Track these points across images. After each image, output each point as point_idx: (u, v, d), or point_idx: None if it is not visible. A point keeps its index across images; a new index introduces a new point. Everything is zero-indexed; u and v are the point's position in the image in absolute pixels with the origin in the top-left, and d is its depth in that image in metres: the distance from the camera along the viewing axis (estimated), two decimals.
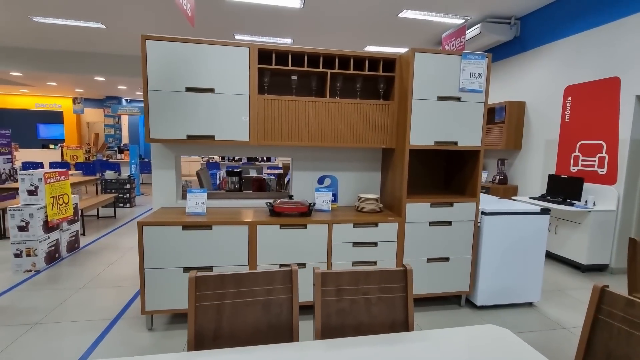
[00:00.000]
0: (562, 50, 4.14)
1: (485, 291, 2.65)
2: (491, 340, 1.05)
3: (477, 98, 2.47)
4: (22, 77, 8.11)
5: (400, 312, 1.13)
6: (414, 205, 2.48)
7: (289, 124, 2.43)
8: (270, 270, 1.09)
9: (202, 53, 2.27)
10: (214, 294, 1.05)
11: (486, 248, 2.60)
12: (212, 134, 2.35)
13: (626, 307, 0.98)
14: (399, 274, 1.14)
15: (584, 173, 3.84)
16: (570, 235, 3.67)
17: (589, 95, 3.79)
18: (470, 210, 2.56)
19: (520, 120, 4.77)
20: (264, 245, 2.31)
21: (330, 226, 2.37)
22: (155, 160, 2.59)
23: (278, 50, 2.37)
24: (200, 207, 2.40)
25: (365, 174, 2.90)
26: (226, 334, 1.04)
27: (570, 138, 4.01)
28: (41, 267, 3.27)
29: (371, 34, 5.72)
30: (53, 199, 3.37)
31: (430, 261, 2.56)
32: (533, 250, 2.68)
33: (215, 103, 2.32)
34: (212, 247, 2.24)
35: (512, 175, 5.01)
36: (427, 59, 2.36)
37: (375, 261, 2.47)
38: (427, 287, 2.58)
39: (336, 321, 1.10)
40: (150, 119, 2.26)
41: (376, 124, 2.55)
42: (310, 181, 2.83)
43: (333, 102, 2.46)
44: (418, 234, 2.51)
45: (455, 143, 2.49)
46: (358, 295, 1.12)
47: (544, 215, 2.66)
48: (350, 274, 1.12)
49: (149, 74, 2.23)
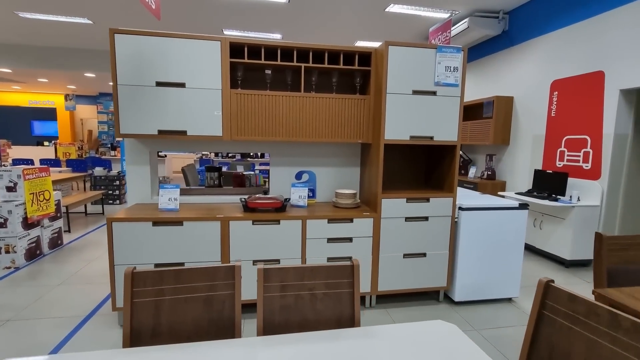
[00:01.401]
0: (549, 45, 4.11)
1: (463, 287, 2.63)
2: (436, 336, 1.04)
3: (453, 92, 2.44)
4: (11, 73, 8.05)
5: (347, 308, 1.12)
6: (389, 200, 2.46)
7: (263, 119, 2.41)
8: (212, 266, 1.07)
9: (173, 47, 2.23)
10: (153, 290, 1.03)
11: (464, 243, 2.58)
12: (184, 129, 2.32)
13: (568, 302, 0.96)
14: (346, 270, 1.12)
15: (569, 168, 3.82)
16: (555, 230, 3.65)
17: (575, 89, 3.75)
18: (447, 206, 2.54)
19: (508, 115, 4.74)
20: (236, 241, 2.29)
21: (304, 222, 2.35)
22: (129, 156, 2.56)
23: (251, 44, 2.34)
24: (173, 202, 2.37)
25: (344, 169, 2.88)
26: (165, 331, 1.02)
27: (556, 133, 3.99)
28: (21, 264, 3.25)
29: (360, 29, 5.67)
30: (33, 196, 3.35)
31: (406, 257, 2.55)
32: (512, 245, 2.66)
33: (186, 98, 2.29)
34: (183, 243, 2.23)
35: (500, 171, 4.98)
36: (402, 52, 2.33)
37: (350, 257, 2.45)
38: (404, 282, 2.57)
39: (280, 317, 1.08)
40: (120, 114, 2.23)
41: (352, 118, 2.53)
42: (288, 177, 2.80)
43: (308, 96, 2.43)
44: (394, 229, 2.49)
45: (431, 138, 2.46)
46: (303, 291, 1.10)
47: (522, 210, 2.64)
48: (296, 270, 1.10)
49: (118, 69, 2.19)
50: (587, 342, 0.89)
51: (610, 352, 0.84)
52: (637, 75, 3.14)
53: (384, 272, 2.53)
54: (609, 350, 0.85)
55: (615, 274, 1.61)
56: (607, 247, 1.61)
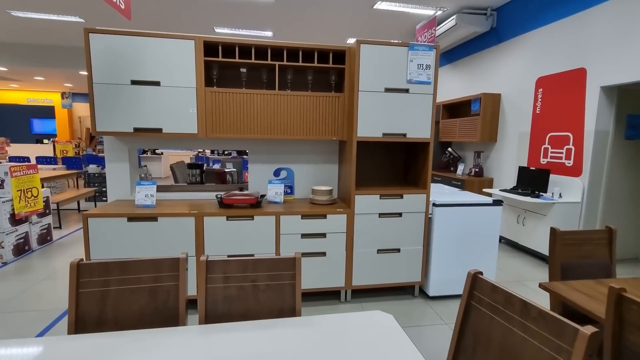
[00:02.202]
0: (535, 41, 4.11)
1: (437, 282, 2.67)
2: (371, 326, 1.08)
3: (425, 90, 2.46)
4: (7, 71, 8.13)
5: (289, 299, 1.16)
6: (363, 197, 2.50)
7: (238, 116, 2.45)
8: (157, 258, 1.12)
9: (148, 46, 2.27)
10: (98, 281, 1.07)
11: (438, 239, 2.62)
12: (160, 127, 2.36)
13: (491, 292, 1.00)
14: (289, 262, 1.17)
15: (553, 165, 3.84)
16: (536, 226, 3.68)
17: (558, 86, 3.77)
18: (421, 202, 2.58)
19: (495, 112, 4.75)
20: (211, 237, 2.34)
21: (277, 218, 2.40)
22: (109, 153, 2.61)
23: (225, 42, 2.37)
24: (149, 199, 2.42)
25: (323, 166, 2.91)
26: (110, 320, 1.07)
27: (540, 130, 4.00)
28: (8, 259, 3.32)
29: (349, 27, 5.69)
30: (20, 192, 3.42)
31: (380, 252, 2.59)
32: (486, 241, 2.70)
33: (161, 96, 2.34)
34: (158, 238, 2.28)
35: (488, 168, 5.00)
36: (374, 50, 2.36)
37: (325, 252, 2.50)
38: (378, 277, 2.61)
39: (223, 308, 1.13)
40: (96, 112, 2.28)
41: (328, 116, 2.56)
42: (266, 173, 2.85)
43: (283, 94, 2.47)
44: (368, 225, 2.53)
45: (404, 135, 2.49)
46: (247, 283, 1.15)
47: (496, 206, 2.67)
48: (239, 262, 1.15)
49: (93, 67, 2.24)
50: (503, 330, 0.93)
51: (521, 340, 0.88)
52: (617, 72, 3.15)
53: (358, 267, 2.57)
54: (520, 338, 0.89)
55: (569, 268, 1.65)
56: (561, 242, 1.64)
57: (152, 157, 10.14)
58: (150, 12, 5.21)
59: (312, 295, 2.71)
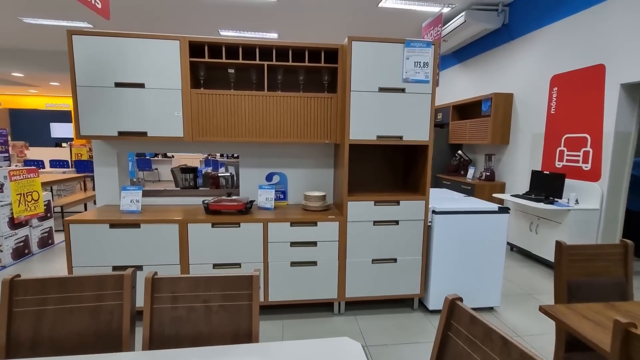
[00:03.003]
0: (549, 37, 3.86)
1: (438, 294, 2.49)
2: (335, 355, 0.94)
3: (423, 89, 2.30)
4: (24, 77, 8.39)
5: (245, 322, 1.04)
6: (356, 203, 2.35)
7: (225, 119, 2.35)
8: (100, 275, 1.02)
9: (131, 47, 2.21)
10: (34, 300, 0.98)
11: (438, 249, 2.44)
12: (144, 130, 2.30)
13: (470, 324, 0.84)
14: (245, 281, 1.04)
15: (569, 169, 3.58)
16: (551, 235, 3.42)
17: (574, 84, 3.51)
18: (419, 209, 2.41)
19: (507, 113, 4.50)
20: (196, 245, 2.24)
21: (265, 225, 2.28)
22: (97, 157, 2.57)
23: (211, 42, 2.28)
24: (135, 204, 2.36)
25: (317, 170, 2.79)
26: (46, 343, 0.98)
27: (556, 131, 3.74)
28: (7, 263, 3.34)
29: (354, 27, 5.55)
30: (20, 196, 3.44)
31: (375, 262, 2.43)
32: (492, 252, 2.50)
33: (146, 98, 2.27)
34: (141, 245, 2.20)
35: (500, 172, 4.75)
36: (367, 47, 2.22)
37: (315, 261, 2.36)
38: (374, 289, 2.46)
39: (170, 330, 1.02)
40: (80, 116, 2.23)
41: (320, 118, 2.43)
42: (257, 178, 2.74)
43: (272, 95, 2.36)
44: (361, 233, 2.39)
45: (400, 137, 2.33)
46: (197, 303, 1.03)
47: (502, 214, 2.47)
48: (189, 280, 1.03)
49: (76, 70, 2.19)
50: None
51: None
52: (638, 67, 2.89)
53: (351, 277, 2.42)
54: None
55: (577, 288, 1.45)
56: (567, 258, 1.46)
57: (163, 160, 10.26)
58: (154, 16, 5.24)
59: (303, 307, 2.58)
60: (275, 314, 2.46)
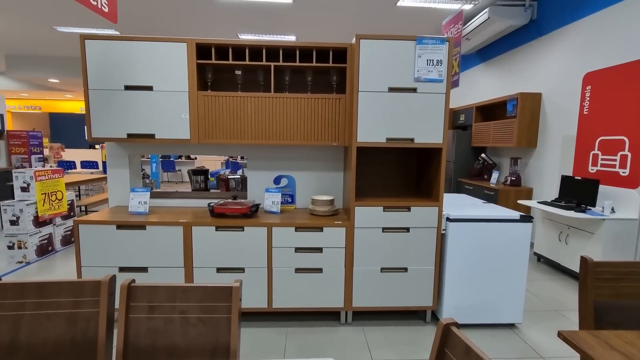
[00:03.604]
0: (582, 32, 3.58)
1: (452, 308, 2.33)
2: None
3: (436, 89, 2.17)
4: (59, 83, 8.89)
5: (224, 336, 0.97)
6: (364, 209, 2.25)
7: (231, 121, 2.32)
8: (77, 281, 0.99)
9: (140, 50, 2.23)
10: (12, 304, 0.97)
11: (453, 259, 2.29)
12: (152, 133, 2.31)
13: (464, 355, 0.73)
14: (225, 292, 0.98)
15: (603, 174, 3.28)
16: (582, 246, 3.15)
17: (610, 82, 3.22)
18: (432, 216, 2.27)
19: (535, 114, 4.22)
20: (200, 248, 2.22)
21: (269, 229, 2.22)
22: (110, 159, 2.62)
23: (218, 44, 2.27)
24: (142, 206, 2.37)
25: (327, 174, 2.70)
26: (23, 350, 0.96)
27: (589, 133, 3.45)
28: (31, 259, 3.49)
29: (372, 26, 5.44)
30: (45, 196, 3.59)
31: (385, 271, 2.31)
32: (512, 263, 2.31)
33: (154, 101, 2.28)
34: (147, 247, 2.21)
35: (526, 177, 4.46)
36: (376, 46, 2.12)
37: (321, 268, 2.28)
38: (383, 300, 2.33)
39: (146, 342, 0.97)
40: (91, 118, 2.28)
41: (328, 120, 2.35)
42: (265, 181, 2.69)
43: (278, 97, 2.31)
44: (370, 240, 2.27)
45: (411, 140, 2.21)
46: (174, 314, 0.98)
47: (524, 223, 2.28)
48: (167, 289, 0.98)
49: (89, 74, 2.24)
50: None
51: None
52: None
53: (359, 286, 2.31)
54: None
55: (606, 311, 1.28)
56: (594, 276, 1.29)
57: (186, 162, 10.53)
58: (174, 22, 5.37)
59: (309, 315, 2.49)
60: (279, 321, 2.39)
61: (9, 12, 5.05)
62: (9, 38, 6.43)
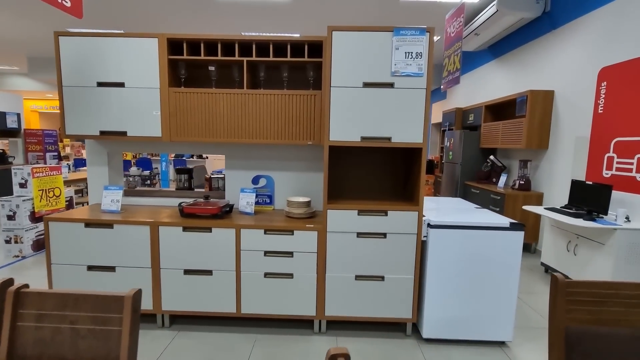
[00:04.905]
0: (598, 23, 3.28)
1: (434, 321, 2.15)
2: None
3: (415, 83, 2.00)
4: None
5: (115, 350, 0.88)
6: (337, 212, 2.11)
7: (204, 118, 2.25)
8: None
9: (112, 46, 2.20)
10: None
11: (434, 268, 2.11)
12: (124, 130, 2.27)
13: None
14: (115, 302, 0.89)
15: (619, 179, 2.97)
16: (592, 258, 2.86)
17: (629, 78, 2.92)
18: (411, 221, 2.10)
19: (546, 113, 3.93)
20: (167, 248, 2.16)
21: (238, 231, 2.13)
22: (90, 157, 2.62)
23: (190, 39, 2.20)
24: (115, 204, 2.34)
25: (306, 174, 2.58)
26: None
27: (603, 134, 3.15)
28: (27, 254, 3.57)
29: (375, 23, 5.26)
30: (42, 192, 3.67)
31: (360, 279, 2.16)
32: (502, 275, 2.10)
33: (126, 98, 2.24)
34: (114, 246, 2.17)
35: (537, 180, 4.15)
36: (349, 37, 1.98)
37: (292, 273, 2.16)
38: (358, 309, 2.19)
39: (32, 354, 0.89)
40: (65, 115, 2.27)
41: (303, 117, 2.24)
42: (243, 181, 2.61)
43: (251, 93, 2.22)
44: (343, 245, 2.13)
45: (388, 139, 2.05)
46: (64, 324, 0.89)
47: (515, 231, 2.07)
48: (57, 296, 0.90)
49: (62, 70, 2.23)
50: None
51: None
52: None
53: (332, 294, 2.18)
54: None
55: (579, 339, 1.09)
56: (566, 297, 1.10)
57: (198, 161, 10.67)
58: (180, 19, 5.41)
59: (281, 322, 2.38)
60: (249, 327, 2.29)
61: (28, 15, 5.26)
62: (29, 40, 6.72)
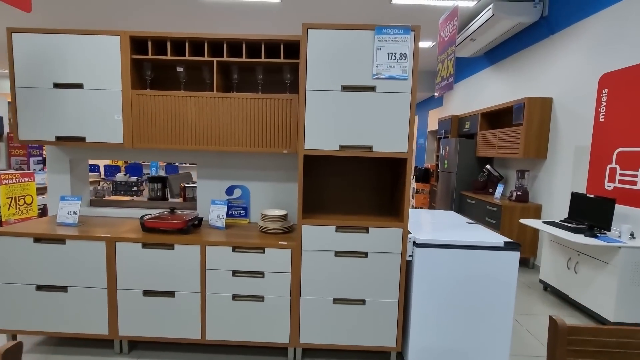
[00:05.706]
0: (599, 27, 3.12)
1: (420, 350, 1.93)
2: None
3: (399, 87, 1.81)
4: None
5: None
6: (313, 227, 1.90)
7: (170, 123, 2.06)
8: None
9: (71, 44, 2.02)
10: None
11: (421, 291, 1.90)
12: (83, 135, 2.08)
13: None
14: None
15: (622, 192, 2.78)
16: (594, 277, 2.65)
17: (632, 84, 2.74)
18: (395, 239, 1.89)
19: (544, 121, 3.75)
20: (125, 267, 1.95)
21: (203, 248, 1.92)
22: (50, 164, 2.42)
23: (155, 37, 2.02)
24: (72, 216, 2.14)
25: (284, 185, 2.38)
26: None
27: (605, 144, 2.96)
28: None
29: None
30: (11, 200, 3.46)
31: (338, 302, 1.95)
32: (495, 300, 1.89)
33: (85, 100, 2.05)
34: (67, 264, 1.95)
35: (535, 192, 3.96)
36: (327, 36, 1.80)
37: (262, 296, 1.94)
38: (336, 336, 1.97)
39: None
40: (18, 119, 2.08)
41: (278, 123, 2.04)
42: (216, 191, 2.41)
43: (222, 96, 2.03)
44: (320, 266, 1.92)
45: (369, 148, 1.86)
46: None
47: (510, 251, 1.86)
48: None
49: (15, 70, 2.04)
50: None
51: None
52: None
53: (308, 319, 1.96)
54: None
55: None
56: (566, 346, 0.90)
57: (191, 167, 10.47)
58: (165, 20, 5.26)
59: (252, 348, 2.16)
60: (217, 353, 2.07)
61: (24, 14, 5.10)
62: None
